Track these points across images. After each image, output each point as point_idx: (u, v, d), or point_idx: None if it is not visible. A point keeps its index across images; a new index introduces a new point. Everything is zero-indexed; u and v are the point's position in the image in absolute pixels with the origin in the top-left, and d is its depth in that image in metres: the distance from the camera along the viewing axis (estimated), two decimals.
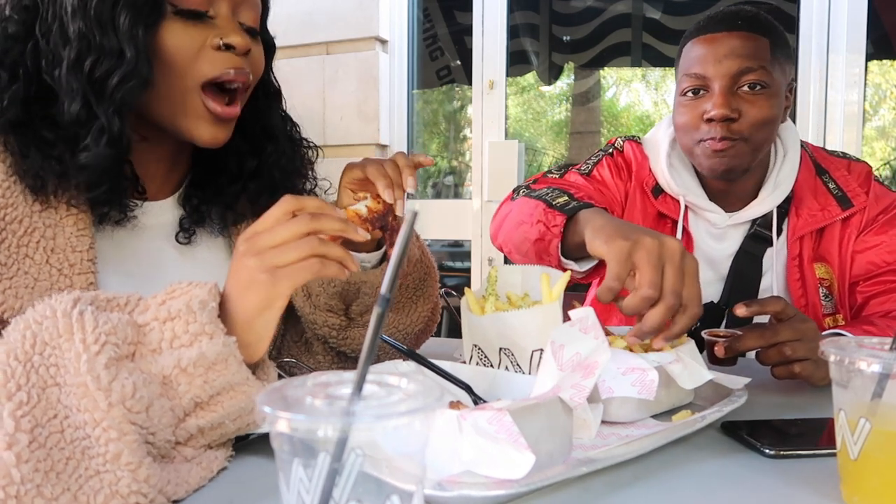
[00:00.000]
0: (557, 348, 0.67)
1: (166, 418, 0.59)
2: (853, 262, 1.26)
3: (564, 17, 3.00)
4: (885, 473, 0.56)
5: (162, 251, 0.92)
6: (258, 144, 0.96)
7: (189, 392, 0.61)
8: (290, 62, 2.78)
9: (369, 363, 0.41)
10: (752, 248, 1.29)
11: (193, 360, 0.60)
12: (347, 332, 1.00)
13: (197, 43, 0.82)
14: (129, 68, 0.78)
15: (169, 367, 0.60)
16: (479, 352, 0.87)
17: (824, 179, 1.29)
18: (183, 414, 0.61)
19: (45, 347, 0.57)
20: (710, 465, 0.69)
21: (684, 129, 1.23)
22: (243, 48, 0.85)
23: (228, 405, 0.63)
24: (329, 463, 0.38)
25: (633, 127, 3.38)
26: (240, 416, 0.64)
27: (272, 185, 0.96)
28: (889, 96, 2.66)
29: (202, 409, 0.62)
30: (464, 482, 0.58)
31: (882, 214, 1.26)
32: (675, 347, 0.87)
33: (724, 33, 1.17)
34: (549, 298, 0.82)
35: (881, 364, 0.55)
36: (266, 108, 0.97)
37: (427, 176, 3.17)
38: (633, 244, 0.79)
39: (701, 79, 1.18)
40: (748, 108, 1.16)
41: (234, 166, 0.95)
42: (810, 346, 0.93)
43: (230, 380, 0.62)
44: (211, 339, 0.61)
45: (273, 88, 1.00)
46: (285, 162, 0.98)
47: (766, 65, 1.16)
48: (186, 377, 0.60)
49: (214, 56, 0.83)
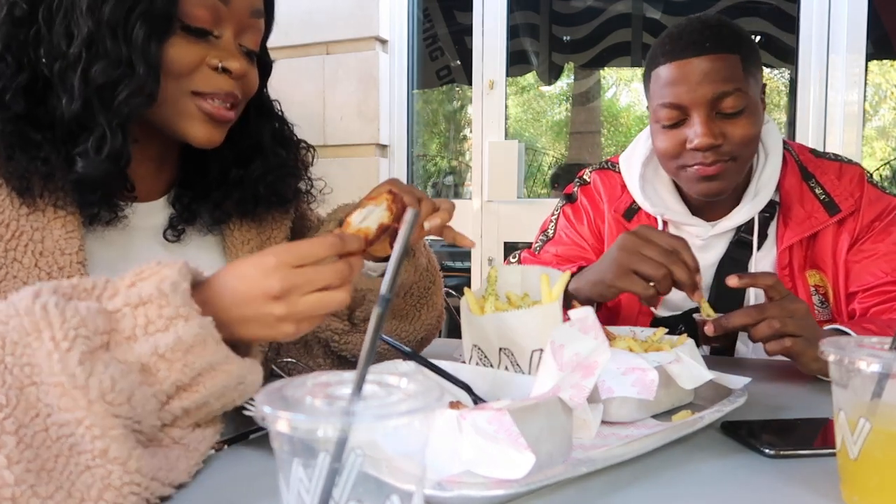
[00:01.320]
0: (557, 348, 0.67)
1: (150, 405, 0.59)
2: (851, 272, 1.22)
3: (564, 17, 3.00)
4: (884, 473, 0.56)
5: (152, 250, 0.92)
6: (245, 156, 0.96)
7: (170, 377, 0.60)
8: (290, 62, 2.78)
9: (369, 363, 0.41)
10: (737, 254, 1.27)
11: (171, 345, 0.59)
12: (349, 336, 0.99)
13: (196, 60, 0.82)
14: (138, 83, 0.77)
15: (146, 355, 0.59)
16: (479, 352, 0.87)
17: (811, 185, 1.25)
18: (166, 398, 0.60)
19: (15, 347, 0.56)
20: (710, 465, 0.69)
21: (667, 157, 1.20)
22: (240, 73, 0.85)
23: (210, 385, 0.62)
24: (329, 463, 0.38)
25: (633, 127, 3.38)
26: (224, 394, 0.64)
27: (256, 196, 0.96)
28: (889, 96, 2.66)
29: (185, 391, 0.61)
30: (464, 482, 0.58)
31: (877, 221, 1.22)
32: (675, 347, 0.87)
33: (693, 59, 1.13)
34: (548, 298, 0.82)
35: (881, 364, 0.55)
36: (257, 124, 0.97)
37: (427, 176, 3.17)
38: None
39: (678, 108, 1.15)
40: (731, 129, 1.14)
41: (219, 173, 0.95)
42: (801, 323, 0.93)
43: (210, 360, 0.61)
44: (186, 322, 0.60)
45: (266, 106, 1.00)
46: (272, 179, 0.97)
47: (741, 85, 1.13)
48: (165, 363, 0.59)
49: (209, 75, 0.83)
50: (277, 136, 1.00)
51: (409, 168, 2.88)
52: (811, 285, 1.25)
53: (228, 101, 0.86)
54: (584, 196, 1.42)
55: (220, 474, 0.66)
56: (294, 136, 1.04)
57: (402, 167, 2.84)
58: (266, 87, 1.00)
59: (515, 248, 2.67)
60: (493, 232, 2.70)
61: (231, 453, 0.71)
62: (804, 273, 1.25)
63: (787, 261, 1.24)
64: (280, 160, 0.98)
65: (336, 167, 2.72)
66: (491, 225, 2.71)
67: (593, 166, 1.46)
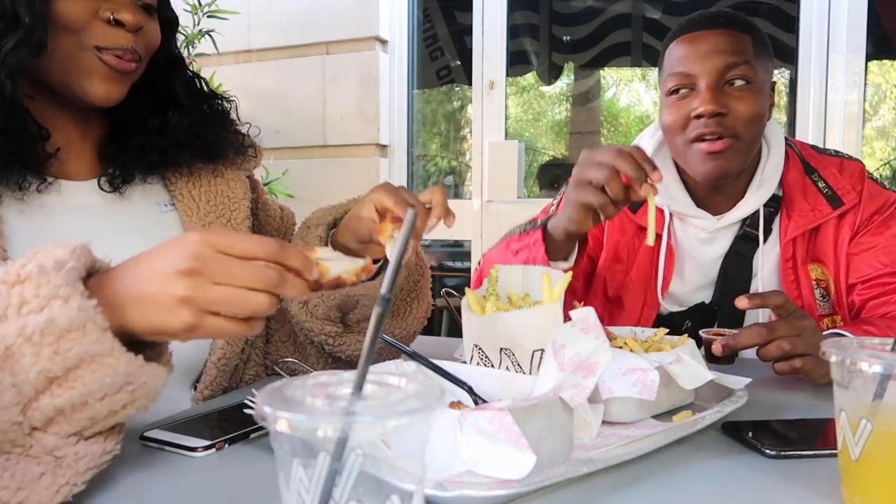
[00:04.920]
0: (558, 348, 0.67)
1: (7, 396, 0.51)
2: (850, 265, 1.24)
3: (564, 17, 3.00)
4: (886, 474, 0.56)
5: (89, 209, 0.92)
6: (160, 107, 0.97)
7: (36, 365, 0.52)
8: (290, 62, 2.78)
9: (369, 363, 0.41)
10: (742, 248, 1.28)
11: (41, 327, 0.51)
12: (344, 338, 0.99)
13: (87, 12, 0.83)
14: (24, 34, 0.78)
15: (11, 337, 0.52)
16: (480, 352, 0.87)
17: (813, 178, 1.27)
18: (33, 391, 0.52)
19: None
20: (710, 465, 0.69)
21: (673, 130, 1.21)
22: (133, 25, 0.86)
23: (90, 380, 0.53)
24: (329, 463, 0.38)
25: (633, 127, 3.38)
26: (107, 395, 0.55)
27: (180, 142, 0.97)
28: (889, 96, 2.66)
29: (58, 385, 0.53)
30: (464, 482, 0.58)
31: (877, 214, 1.24)
32: (676, 347, 0.86)
33: (706, 31, 1.17)
34: (549, 298, 0.82)
35: (882, 365, 0.55)
36: (167, 76, 0.98)
37: (427, 176, 3.17)
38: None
39: (686, 77, 1.17)
40: (736, 104, 1.15)
41: (137, 123, 0.96)
42: (809, 342, 0.93)
43: (89, 349, 0.53)
44: (66, 303, 0.52)
45: (175, 57, 1.01)
46: (190, 124, 0.98)
47: (750, 59, 1.15)
48: (32, 347, 0.52)
49: (105, 29, 0.84)
50: (192, 89, 1.02)
51: (409, 168, 2.88)
52: (813, 279, 1.26)
53: (128, 59, 0.87)
54: None
55: (220, 474, 0.66)
56: (210, 90, 1.05)
57: (402, 167, 2.84)
58: (174, 42, 1.01)
59: None
60: (493, 232, 2.70)
61: (231, 453, 0.71)
62: (806, 266, 1.26)
63: (790, 254, 1.26)
64: (197, 109, 1.00)
65: (336, 167, 2.72)
66: (491, 225, 2.71)
67: None
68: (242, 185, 1.05)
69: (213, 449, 0.70)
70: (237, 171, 1.05)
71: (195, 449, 0.70)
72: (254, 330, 0.59)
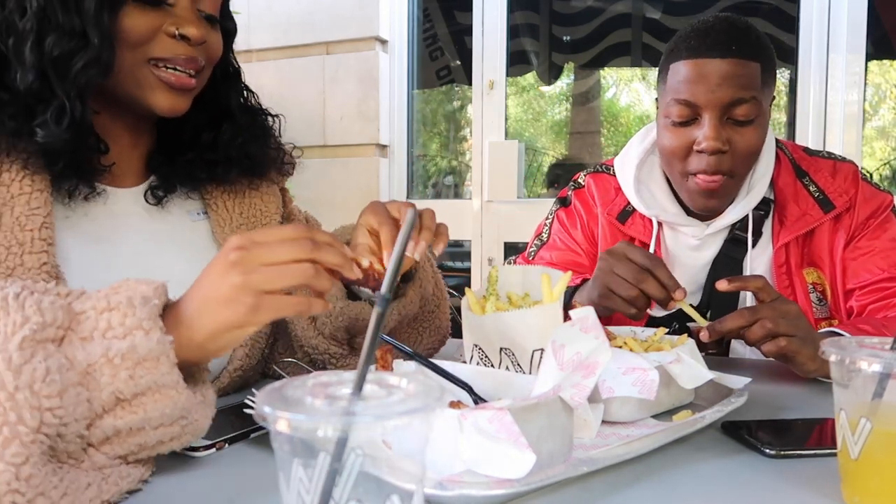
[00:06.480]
0: (558, 348, 0.67)
1: (81, 409, 0.55)
2: (847, 270, 1.22)
3: (564, 17, 3.00)
4: (885, 473, 0.56)
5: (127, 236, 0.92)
6: (215, 120, 0.97)
7: (111, 385, 0.57)
8: (290, 62, 2.78)
9: (369, 363, 0.41)
10: (732, 252, 1.27)
11: (123, 351, 0.57)
12: (348, 360, 0.99)
13: (153, 28, 0.83)
14: (93, 54, 0.78)
15: (96, 356, 0.57)
16: (480, 351, 0.87)
17: (805, 182, 1.26)
18: (101, 409, 0.57)
19: None
20: (710, 465, 0.69)
21: (672, 157, 1.20)
22: (198, 39, 0.85)
23: (151, 408, 0.58)
24: (329, 463, 0.38)
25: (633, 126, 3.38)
26: (161, 425, 0.60)
27: (228, 158, 0.97)
28: (889, 96, 2.65)
29: (122, 407, 0.58)
30: (464, 482, 0.58)
31: (872, 218, 1.22)
32: (675, 347, 0.87)
33: (716, 60, 1.12)
34: (549, 298, 0.82)
35: (882, 364, 0.55)
36: (224, 88, 0.98)
37: (427, 176, 3.17)
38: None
39: (692, 107, 1.15)
40: (738, 138, 1.14)
41: (191, 138, 0.96)
42: (794, 323, 0.94)
43: (158, 380, 0.58)
44: (147, 335, 0.58)
45: (232, 70, 1.01)
46: (242, 141, 0.98)
47: (757, 93, 1.13)
48: (111, 368, 0.57)
49: (167, 42, 0.84)
50: (246, 103, 1.02)
51: (409, 168, 2.88)
52: (809, 283, 1.25)
53: (190, 68, 0.86)
54: (578, 200, 1.42)
55: (220, 474, 0.66)
56: (258, 103, 1.05)
57: (402, 167, 2.84)
58: (231, 52, 1.01)
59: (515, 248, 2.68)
60: (493, 232, 2.71)
61: (231, 453, 0.71)
62: (801, 271, 1.25)
63: (783, 259, 1.25)
64: (248, 124, 1.00)
65: (336, 167, 2.72)
66: (491, 225, 2.71)
67: (588, 169, 1.47)
68: (276, 198, 1.06)
69: (213, 449, 0.70)
70: (272, 184, 1.06)
71: (195, 448, 0.69)
72: (313, 307, 0.64)
